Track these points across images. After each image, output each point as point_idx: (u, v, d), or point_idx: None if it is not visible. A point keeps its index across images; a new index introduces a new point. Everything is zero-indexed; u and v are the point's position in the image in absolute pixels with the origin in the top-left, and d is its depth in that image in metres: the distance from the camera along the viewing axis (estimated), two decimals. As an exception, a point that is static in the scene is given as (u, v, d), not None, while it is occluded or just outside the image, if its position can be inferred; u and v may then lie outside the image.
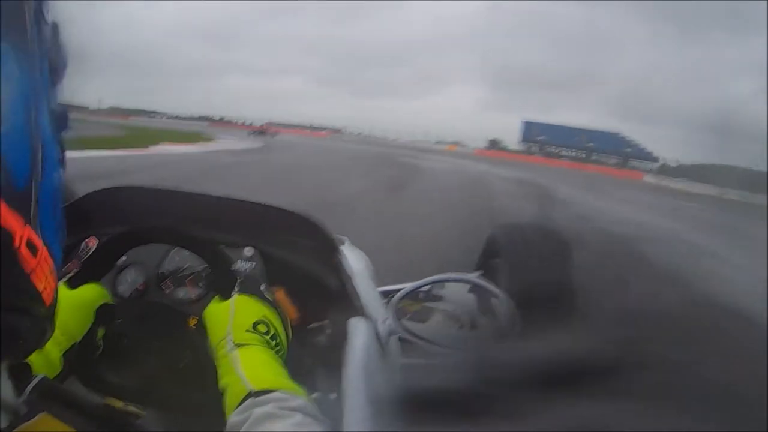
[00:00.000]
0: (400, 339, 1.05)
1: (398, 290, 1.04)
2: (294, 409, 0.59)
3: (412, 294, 1.02)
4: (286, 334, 0.82)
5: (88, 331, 0.82)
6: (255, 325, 0.77)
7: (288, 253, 1.00)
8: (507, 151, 67.28)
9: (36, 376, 0.49)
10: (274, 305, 0.83)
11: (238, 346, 0.73)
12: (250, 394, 0.62)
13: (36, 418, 0.45)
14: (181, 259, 0.96)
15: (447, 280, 1.06)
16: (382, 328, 0.96)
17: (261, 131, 43.71)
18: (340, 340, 0.86)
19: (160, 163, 12.26)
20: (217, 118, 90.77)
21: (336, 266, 1.01)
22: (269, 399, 0.60)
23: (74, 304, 0.81)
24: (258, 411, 0.58)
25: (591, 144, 67.72)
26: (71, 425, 0.49)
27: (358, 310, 0.95)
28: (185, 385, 0.83)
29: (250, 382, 0.64)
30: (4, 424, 0.40)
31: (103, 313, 0.84)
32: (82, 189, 1.06)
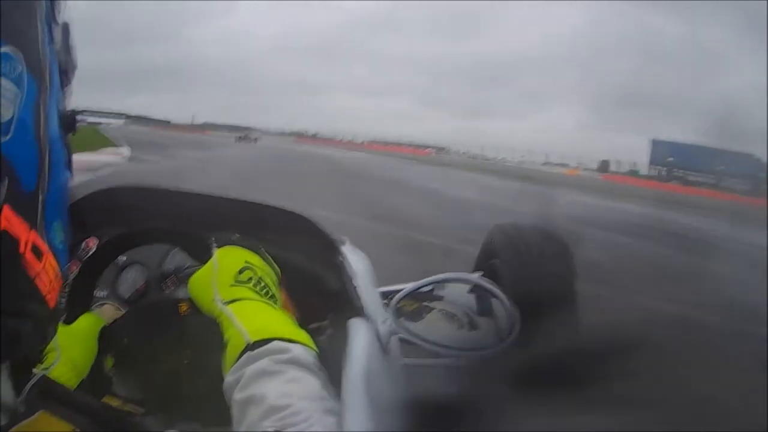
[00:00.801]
0: (401, 339, 1.06)
1: (399, 290, 1.05)
2: (288, 362, 0.59)
3: (413, 294, 1.03)
4: (276, 274, 0.82)
5: (95, 363, 0.80)
6: (240, 272, 0.76)
7: (288, 254, 1.00)
8: (639, 177, 59.29)
9: (36, 374, 0.49)
10: (254, 248, 0.82)
11: (228, 303, 0.72)
12: (247, 347, 0.62)
13: (34, 416, 0.46)
14: (182, 257, 0.98)
15: (448, 280, 1.06)
16: (383, 329, 0.96)
17: (245, 137, 46.39)
18: (340, 340, 0.85)
19: None
20: (310, 134, 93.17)
21: (337, 266, 1.01)
22: (264, 352, 0.60)
23: (74, 338, 0.79)
24: (250, 370, 0.58)
25: (722, 167, 60.43)
26: (70, 423, 0.49)
27: (359, 311, 0.94)
28: (192, 380, 0.83)
29: (248, 333, 0.64)
30: (3, 422, 0.40)
31: (105, 338, 0.83)
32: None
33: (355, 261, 1.13)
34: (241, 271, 0.76)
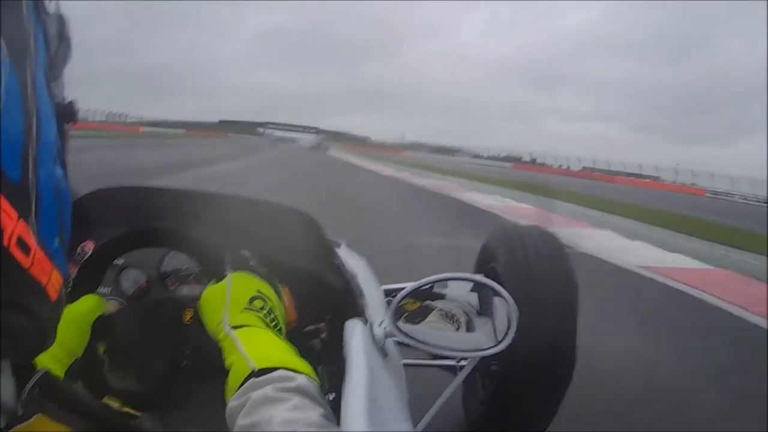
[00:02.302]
0: (398, 342, 1.00)
1: (400, 289, 1.00)
2: (292, 391, 0.59)
3: (414, 293, 0.97)
4: (281, 309, 0.83)
5: (89, 346, 0.81)
6: (251, 301, 0.78)
7: (287, 254, 0.99)
8: None
9: (38, 371, 0.48)
10: (267, 278, 0.84)
11: (235, 327, 0.74)
12: (252, 374, 0.62)
13: (33, 418, 0.46)
14: (179, 260, 0.98)
15: (450, 279, 1.02)
16: (379, 331, 0.94)
17: (317, 146, 48.03)
18: (337, 341, 0.87)
19: None
20: (528, 160, 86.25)
21: (337, 267, 1.01)
22: (269, 380, 0.61)
23: (70, 319, 0.79)
24: (255, 395, 0.59)
25: None
26: (68, 425, 0.50)
27: (358, 311, 0.94)
28: (188, 384, 0.84)
29: (252, 360, 0.65)
30: (2, 424, 0.39)
31: (100, 326, 0.83)
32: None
33: (353, 262, 1.10)
34: (253, 299, 0.79)
